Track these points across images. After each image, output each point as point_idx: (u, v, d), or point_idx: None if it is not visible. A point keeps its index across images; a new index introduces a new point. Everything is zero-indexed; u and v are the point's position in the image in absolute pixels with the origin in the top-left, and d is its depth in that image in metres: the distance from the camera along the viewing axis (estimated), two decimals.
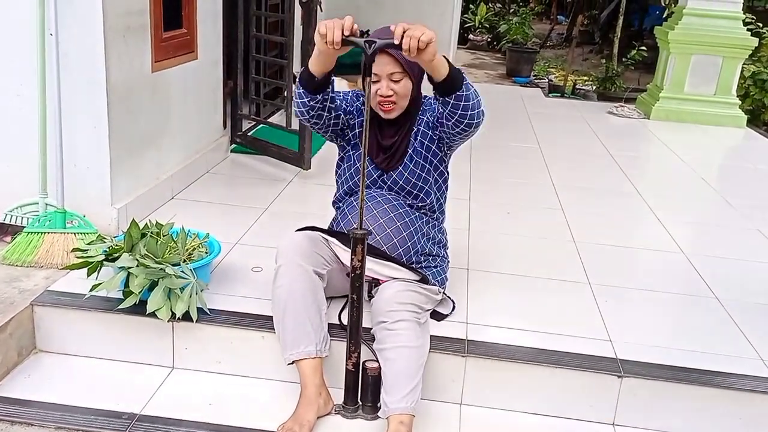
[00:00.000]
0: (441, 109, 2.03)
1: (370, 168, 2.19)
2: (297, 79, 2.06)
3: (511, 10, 11.32)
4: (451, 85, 1.92)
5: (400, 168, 2.18)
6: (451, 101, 1.96)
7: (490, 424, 2.06)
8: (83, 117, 2.62)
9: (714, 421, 2.06)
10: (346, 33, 1.78)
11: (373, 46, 1.79)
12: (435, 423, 2.03)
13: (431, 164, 2.21)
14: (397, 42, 1.76)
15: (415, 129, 2.19)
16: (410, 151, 2.18)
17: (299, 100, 2.07)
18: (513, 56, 9.23)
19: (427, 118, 2.19)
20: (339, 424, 1.98)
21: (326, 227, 2.30)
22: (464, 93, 1.95)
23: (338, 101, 2.16)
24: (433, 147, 2.20)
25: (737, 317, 2.46)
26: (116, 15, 2.61)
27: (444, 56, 1.88)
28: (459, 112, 1.99)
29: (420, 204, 2.22)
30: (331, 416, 2.00)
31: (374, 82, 2.05)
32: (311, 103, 2.05)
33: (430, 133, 2.18)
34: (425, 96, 2.23)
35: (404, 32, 1.75)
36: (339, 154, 2.31)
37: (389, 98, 2.07)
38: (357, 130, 2.21)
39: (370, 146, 2.14)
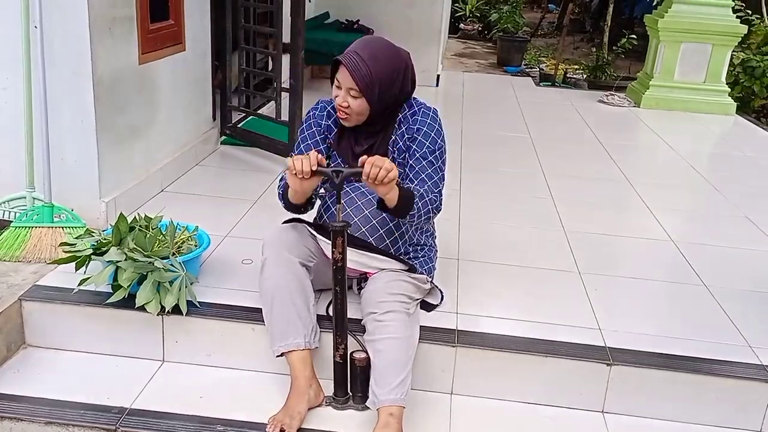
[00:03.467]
0: None
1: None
2: (280, 193, 2.15)
3: None
4: (397, 212, 1.98)
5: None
6: (395, 219, 2.09)
7: (480, 414, 2.07)
8: (70, 110, 2.60)
9: (702, 408, 2.08)
10: (314, 167, 1.89)
11: (340, 175, 1.91)
12: (425, 413, 2.03)
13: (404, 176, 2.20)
14: (364, 176, 1.85)
15: (393, 138, 2.16)
16: (390, 157, 2.15)
17: (285, 208, 2.16)
18: (504, 45, 9.21)
19: (404, 131, 2.15)
20: (330, 416, 1.99)
21: (311, 221, 2.30)
22: (407, 220, 2.02)
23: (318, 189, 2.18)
24: (408, 152, 2.18)
25: (726, 305, 2.48)
26: (102, 6, 2.58)
27: (399, 187, 1.93)
28: (409, 222, 2.07)
29: None
30: (321, 407, 2.00)
31: (337, 87, 2.07)
32: (298, 212, 2.15)
33: (405, 152, 2.16)
34: (415, 98, 2.20)
35: (372, 164, 1.82)
36: None
37: (345, 109, 2.08)
38: (333, 146, 2.21)
39: (348, 155, 2.17)
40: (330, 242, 2.08)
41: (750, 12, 6.89)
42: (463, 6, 11.89)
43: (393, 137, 2.16)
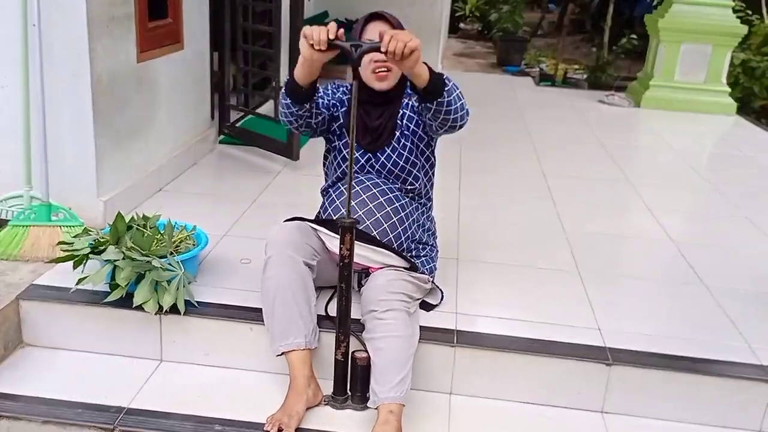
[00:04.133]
0: (424, 112, 2.03)
1: (357, 153, 2.18)
2: (283, 90, 2.05)
3: None
4: (433, 92, 1.92)
5: (388, 150, 2.17)
6: (433, 107, 1.96)
7: (479, 413, 2.06)
8: (68, 109, 2.59)
9: (702, 407, 2.07)
10: (332, 36, 1.79)
11: (358, 49, 1.80)
12: (425, 412, 2.03)
13: (418, 148, 2.20)
14: (383, 48, 1.76)
15: (401, 112, 2.18)
16: (397, 133, 2.17)
17: (286, 110, 2.08)
18: (504, 45, 9.20)
19: (413, 102, 2.18)
20: (328, 415, 1.98)
21: (314, 216, 2.29)
22: (446, 99, 1.95)
23: (323, 102, 2.15)
24: (419, 131, 2.19)
25: (726, 305, 2.47)
26: (100, 5, 2.58)
27: (426, 64, 1.89)
28: (441, 116, 1.99)
29: (409, 188, 2.21)
30: (320, 407, 1.99)
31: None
32: (299, 112, 2.06)
33: (415, 117, 2.18)
34: None
35: (391, 37, 1.76)
36: (326, 146, 2.30)
37: (384, 63, 2.04)
38: (342, 121, 2.20)
39: (357, 128, 2.13)
40: (334, 235, 2.08)
41: (750, 12, 6.89)
42: (463, 6, 11.86)
43: (401, 111, 2.17)
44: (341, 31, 1.82)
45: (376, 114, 2.17)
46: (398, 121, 2.17)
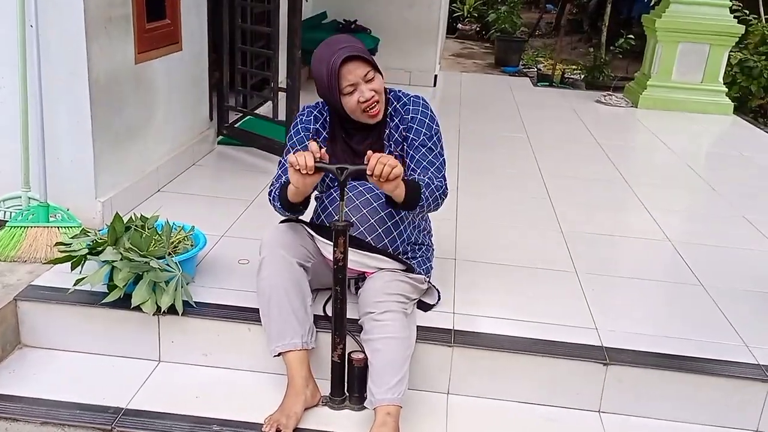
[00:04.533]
0: None
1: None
2: (277, 204, 2.10)
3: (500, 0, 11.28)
4: (405, 206, 2.00)
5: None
6: (404, 212, 2.10)
7: (477, 413, 2.07)
8: (66, 109, 2.59)
9: (699, 407, 2.08)
10: (317, 158, 1.86)
11: (345, 172, 1.88)
12: (422, 413, 2.03)
13: (409, 167, 2.19)
14: (369, 171, 1.83)
15: (387, 131, 2.17)
16: (386, 153, 2.15)
17: (281, 214, 2.14)
18: (501, 45, 9.21)
19: (398, 123, 2.16)
20: (326, 415, 1.98)
21: (308, 220, 2.29)
22: (417, 211, 2.04)
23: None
24: (404, 143, 2.18)
25: (723, 304, 2.48)
26: (98, 6, 2.58)
27: (404, 180, 1.94)
28: (419, 213, 2.10)
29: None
30: (318, 407, 2.00)
31: (349, 93, 2.03)
32: (295, 215, 2.14)
33: (402, 143, 2.16)
34: (390, 90, 2.20)
35: (377, 160, 1.82)
36: None
37: (373, 99, 2.05)
38: (325, 148, 2.19)
39: (345, 155, 2.15)
40: (328, 242, 2.08)
41: (747, 12, 6.89)
42: (461, 6, 11.88)
43: (387, 131, 2.16)
44: (323, 151, 1.90)
45: (361, 138, 2.17)
46: (384, 142, 2.17)
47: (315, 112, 2.21)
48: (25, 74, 2.48)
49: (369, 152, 1.85)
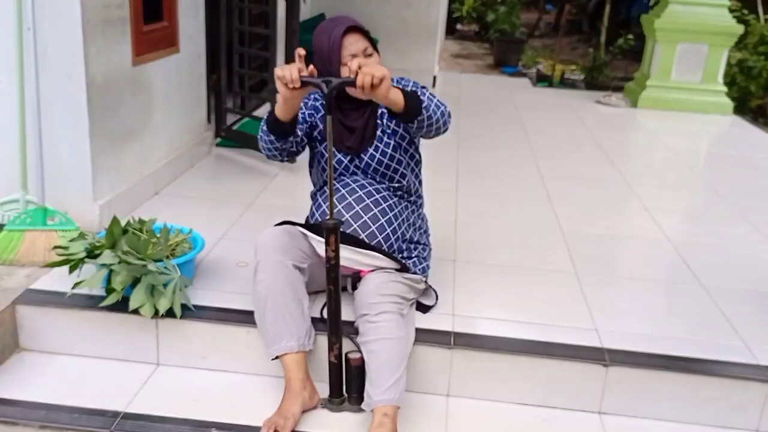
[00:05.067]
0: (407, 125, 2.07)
1: (340, 155, 2.17)
2: (264, 127, 2.08)
3: (499, 0, 11.28)
4: (411, 113, 1.96)
5: (371, 150, 2.16)
6: (415, 125, 2.01)
7: (476, 415, 2.06)
8: (63, 112, 2.59)
9: (699, 408, 2.07)
10: (302, 71, 1.85)
11: (330, 84, 1.86)
12: (422, 415, 2.03)
13: (401, 146, 2.19)
14: (358, 84, 1.81)
15: (381, 110, 2.17)
16: (379, 132, 2.17)
17: (270, 146, 2.11)
18: (501, 46, 9.21)
19: None
20: (325, 417, 1.98)
21: (303, 221, 2.29)
22: (425, 115, 1.99)
23: (301, 128, 2.15)
24: (400, 130, 2.18)
25: (723, 305, 2.47)
26: (95, 8, 2.57)
27: (398, 87, 1.92)
28: (424, 129, 2.04)
29: (396, 186, 2.20)
30: (316, 410, 1.99)
31: (345, 64, 2.03)
32: (283, 146, 2.10)
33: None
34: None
35: (359, 69, 1.81)
36: (310, 153, 2.30)
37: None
38: (321, 127, 2.20)
39: (339, 132, 2.14)
40: (321, 240, 2.08)
41: (746, 12, 6.89)
42: (460, 7, 11.88)
43: (381, 109, 2.17)
44: (311, 67, 1.88)
45: (356, 115, 2.16)
46: (379, 121, 2.17)
47: (314, 94, 2.23)
48: (22, 77, 2.48)
49: (353, 62, 1.83)
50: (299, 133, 2.12)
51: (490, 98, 6.45)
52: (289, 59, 3.57)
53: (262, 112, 4.32)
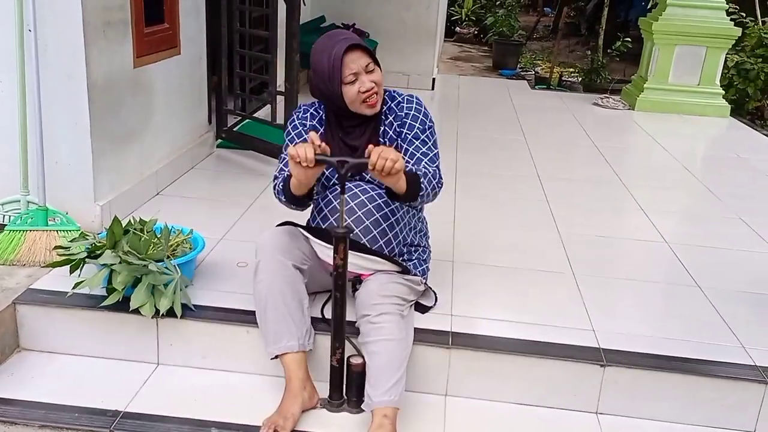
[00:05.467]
0: None
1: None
2: (281, 197, 2.14)
3: (498, 3, 11.31)
4: (410, 197, 2.01)
5: None
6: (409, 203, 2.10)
7: (474, 415, 2.07)
8: (64, 113, 2.60)
9: (696, 408, 2.09)
10: (316, 150, 1.86)
11: (346, 165, 1.86)
12: (420, 414, 2.04)
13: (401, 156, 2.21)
14: (371, 166, 1.82)
15: (383, 129, 2.19)
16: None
17: (287, 207, 2.17)
18: (499, 49, 9.23)
19: (392, 120, 2.19)
20: (324, 417, 1.99)
21: (305, 223, 2.30)
22: (418, 202, 2.06)
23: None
24: (398, 141, 2.20)
25: (719, 306, 2.49)
26: (96, 10, 2.59)
27: (406, 173, 1.95)
28: (419, 204, 2.14)
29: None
30: (316, 410, 2.00)
31: (350, 83, 2.05)
32: (300, 208, 2.17)
33: (397, 139, 2.19)
34: (385, 90, 2.21)
35: (379, 155, 1.81)
36: None
37: (373, 90, 2.08)
38: (320, 132, 2.21)
39: (341, 151, 2.16)
40: (324, 244, 2.10)
41: (744, 14, 6.91)
42: (459, 10, 11.92)
43: (382, 128, 2.18)
44: (324, 145, 1.89)
45: (358, 133, 2.18)
46: (380, 139, 2.18)
47: (311, 110, 2.23)
48: (23, 78, 2.49)
49: (370, 146, 1.85)
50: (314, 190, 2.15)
51: (489, 100, 6.47)
52: (290, 61, 3.58)
53: (263, 113, 4.33)
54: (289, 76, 3.61)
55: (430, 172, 2.07)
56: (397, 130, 2.17)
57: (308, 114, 2.23)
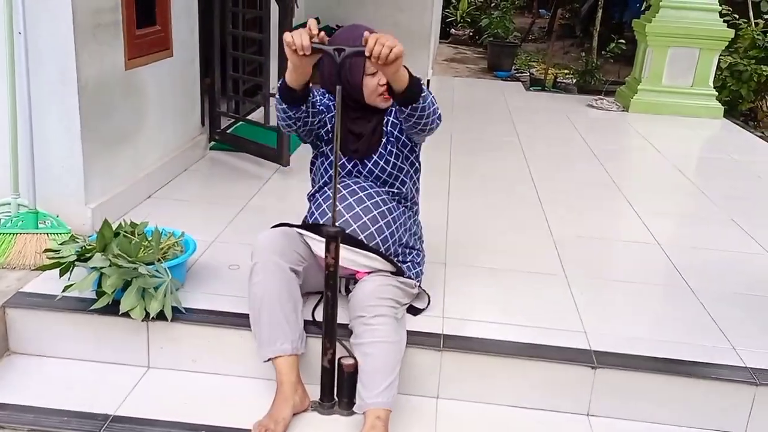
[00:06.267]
0: (399, 114, 2.07)
1: (344, 159, 2.19)
2: (277, 95, 2.05)
3: (493, 4, 11.33)
4: (410, 96, 1.95)
5: (375, 156, 2.18)
6: (407, 110, 2.00)
7: (465, 417, 2.07)
8: (55, 116, 2.59)
9: (687, 410, 2.09)
10: (313, 38, 1.80)
11: (341, 53, 1.80)
12: (411, 417, 2.03)
13: (403, 154, 2.22)
14: (367, 52, 1.76)
15: (386, 118, 2.20)
16: (384, 140, 2.19)
17: (284, 115, 2.08)
18: (494, 50, 9.25)
19: (396, 112, 2.20)
20: (315, 421, 1.98)
21: (301, 221, 2.30)
22: (421, 104, 1.98)
23: (317, 104, 2.16)
24: (403, 137, 2.21)
25: (711, 307, 2.49)
26: (87, 12, 2.58)
27: (405, 67, 1.90)
28: (414, 119, 2.03)
29: (395, 191, 2.22)
30: (307, 413, 2.00)
31: (372, 74, 2.06)
32: (297, 115, 2.06)
33: (399, 124, 2.19)
34: None
35: (376, 40, 1.75)
36: (313, 152, 2.31)
37: (386, 84, 2.07)
38: (329, 126, 2.21)
39: (345, 136, 2.15)
40: (319, 239, 2.09)
41: (737, 16, 6.94)
42: (454, 11, 11.93)
43: (386, 118, 2.19)
44: (322, 34, 1.82)
45: (363, 121, 2.18)
46: (384, 128, 2.19)
47: (327, 94, 2.23)
48: (13, 81, 2.48)
49: (366, 33, 1.79)
50: (316, 105, 2.10)
51: (483, 102, 6.47)
52: (283, 63, 3.58)
53: (257, 116, 4.33)
54: (283, 77, 3.59)
55: (429, 98, 2.02)
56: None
57: (325, 96, 2.23)
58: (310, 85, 2.03)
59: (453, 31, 11.96)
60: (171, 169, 3.47)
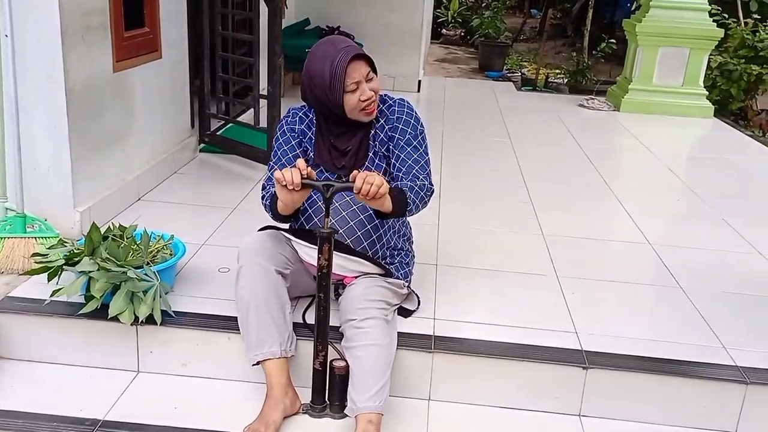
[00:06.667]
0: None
1: (328, 174, 2.17)
2: (269, 213, 2.12)
3: (484, 5, 11.34)
4: (397, 215, 2.03)
5: (362, 170, 2.17)
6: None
7: (458, 419, 2.07)
8: (42, 119, 2.57)
9: (678, 409, 2.09)
10: (304, 176, 1.88)
11: (330, 189, 1.89)
12: (403, 419, 2.03)
13: (391, 167, 2.20)
14: (356, 190, 1.84)
15: (373, 132, 2.18)
16: (371, 154, 2.17)
17: (275, 221, 2.15)
18: (485, 50, 9.26)
19: (383, 123, 2.18)
20: (306, 424, 1.97)
21: (287, 227, 2.29)
22: (411, 209, 2.05)
23: (294, 155, 2.17)
24: (390, 155, 2.19)
25: (702, 307, 2.49)
26: (74, 14, 2.56)
27: (392, 194, 1.95)
28: (408, 216, 2.13)
29: None
30: (298, 416, 1.99)
31: (351, 91, 2.05)
32: (289, 222, 2.16)
33: (387, 142, 2.18)
34: (386, 93, 2.22)
35: (364, 179, 1.83)
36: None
37: (372, 98, 2.08)
38: (310, 152, 2.20)
39: (330, 155, 2.16)
40: (308, 245, 2.08)
41: (726, 16, 6.97)
42: (445, 12, 11.94)
43: (373, 131, 2.18)
44: (309, 169, 1.91)
45: (347, 136, 2.17)
46: (370, 142, 2.18)
47: (300, 114, 2.22)
48: (0, 84, 2.46)
49: (354, 172, 1.87)
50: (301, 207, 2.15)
51: (475, 102, 6.48)
52: (273, 65, 3.57)
53: (247, 117, 4.31)
54: (272, 80, 3.59)
55: (418, 183, 2.06)
56: (388, 134, 2.17)
57: (297, 118, 2.21)
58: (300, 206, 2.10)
59: (444, 31, 11.97)
60: (160, 172, 3.45)
